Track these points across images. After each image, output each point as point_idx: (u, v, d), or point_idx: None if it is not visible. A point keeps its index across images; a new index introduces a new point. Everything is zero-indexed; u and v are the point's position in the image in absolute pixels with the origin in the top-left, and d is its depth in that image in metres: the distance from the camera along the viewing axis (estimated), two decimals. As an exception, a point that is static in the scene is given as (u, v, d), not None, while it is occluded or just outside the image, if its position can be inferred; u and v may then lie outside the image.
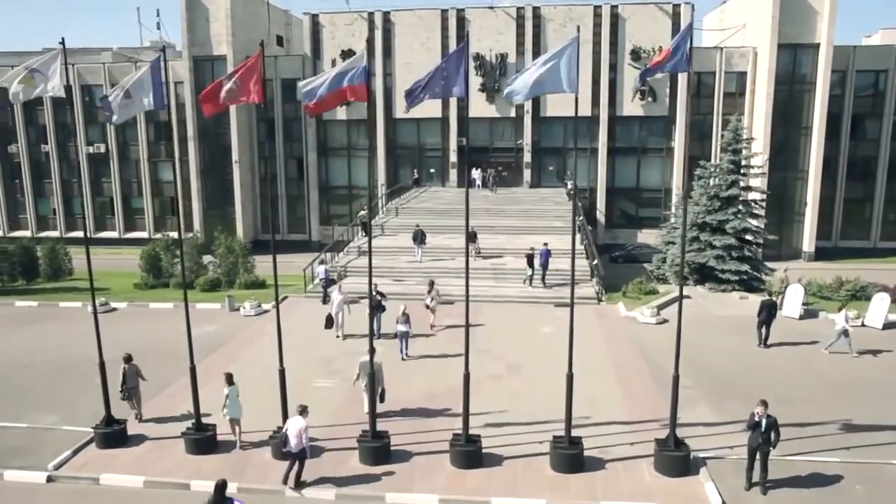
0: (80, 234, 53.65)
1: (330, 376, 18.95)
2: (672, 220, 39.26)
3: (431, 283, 24.16)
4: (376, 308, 19.72)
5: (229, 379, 14.99)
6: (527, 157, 48.70)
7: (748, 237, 30.55)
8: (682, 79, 46.13)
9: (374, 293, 17.62)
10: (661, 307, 24.59)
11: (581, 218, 35.91)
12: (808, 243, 45.70)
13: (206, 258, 33.00)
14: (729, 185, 30.89)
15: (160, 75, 13.78)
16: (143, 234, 52.89)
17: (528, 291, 26.76)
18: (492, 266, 29.44)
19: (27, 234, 54.25)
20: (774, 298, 23.75)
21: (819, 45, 43.92)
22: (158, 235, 52.00)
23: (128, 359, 16.26)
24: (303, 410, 13.49)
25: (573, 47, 12.62)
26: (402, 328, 20.76)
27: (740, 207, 31.03)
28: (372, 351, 14.70)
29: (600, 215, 48.57)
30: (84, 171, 52.93)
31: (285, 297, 27.28)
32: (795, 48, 44.65)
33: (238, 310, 25.59)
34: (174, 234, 34.79)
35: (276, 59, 50.46)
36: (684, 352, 13.66)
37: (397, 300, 24.68)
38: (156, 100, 13.84)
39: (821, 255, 45.34)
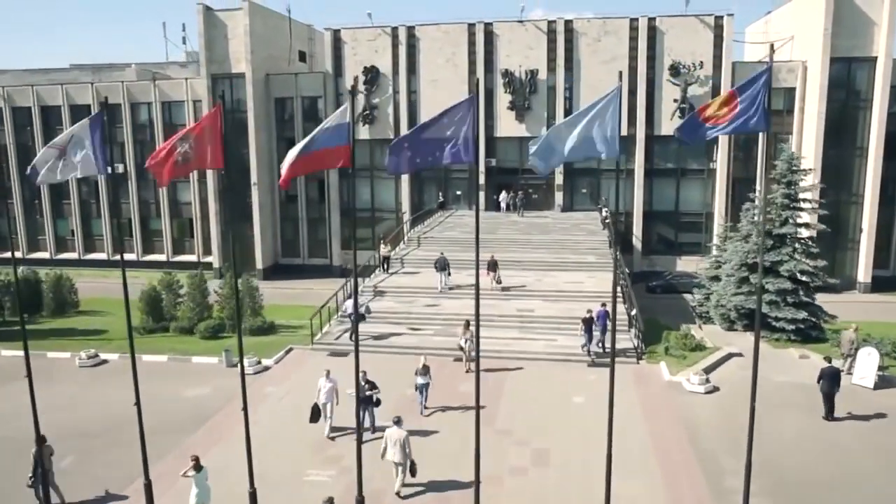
0: (99, 255, 52.53)
1: (326, 465, 16.45)
2: (715, 252, 36.32)
3: (467, 324, 22.44)
4: (365, 402, 16.67)
5: (196, 464, 13.38)
6: (558, 179, 46.00)
7: (804, 278, 27.43)
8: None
9: (362, 383, 15.22)
10: (709, 370, 21.72)
11: (618, 255, 33.22)
12: (863, 273, 42.23)
13: (213, 290, 30.39)
14: (783, 221, 27.86)
15: (102, 134, 11.47)
16: (162, 257, 51.46)
17: (559, 347, 24.01)
18: (518, 312, 26.74)
19: (46, 255, 53.33)
20: (840, 366, 20.75)
21: (876, 58, 40.61)
22: (177, 258, 51.67)
23: (41, 440, 14.31)
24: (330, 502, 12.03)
25: (615, 102, 10.12)
26: (420, 380, 19.53)
27: (796, 246, 28.01)
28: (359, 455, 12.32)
29: (637, 241, 45.63)
30: (103, 191, 51.63)
31: (289, 350, 24.96)
32: (850, 62, 41.40)
33: (236, 365, 23.19)
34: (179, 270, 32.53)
35: (296, 76, 48.71)
36: (738, 435, 11.16)
37: (412, 354, 22.46)
38: (98, 164, 11.56)
39: (878, 285, 41.87)
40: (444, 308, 27.34)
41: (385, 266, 32.97)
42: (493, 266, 30.89)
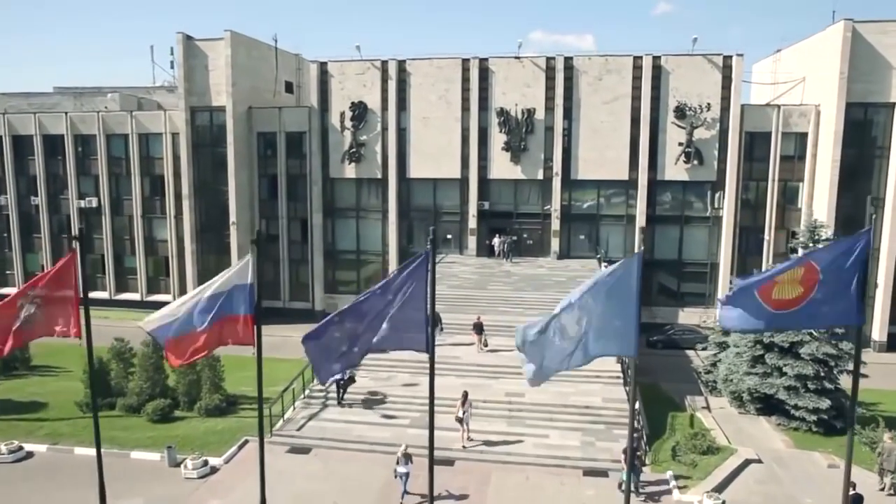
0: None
1: None
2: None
3: (465, 395, 21.44)
4: None
5: None
6: (555, 225, 43.34)
7: (829, 361, 24.61)
8: (733, 140, 40.66)
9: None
10: (723, 486, 18.82)
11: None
12: (878, 331, 39.55)
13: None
14: (803, 296, 25.07)
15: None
16: (136, 297, 48.65)
17: (550, 448, 20.92)
18: (506, 398, 23.81)
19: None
20: (878, 484, 17.97)
21: (894, 103, 38.36)
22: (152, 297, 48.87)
23: None
24: None
25: (634, 275, 7.52)
26: (401, 469, 18.76)
27: (817, 324, 25.29)
28: None
29: (637, 291, 42.86)
30: (74, 225, 48.86)
31: (244, 443, 21.73)
32: (865, 107, 39.01)
33: (180, 465, 20.20)
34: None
35: (279, 110, 46.19)
36: None
37: (382, 453, 19.84)
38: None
39: (894, 343, 39.22)
40: (424, 388, 24.22)
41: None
42: (478, 329, 29.04)
